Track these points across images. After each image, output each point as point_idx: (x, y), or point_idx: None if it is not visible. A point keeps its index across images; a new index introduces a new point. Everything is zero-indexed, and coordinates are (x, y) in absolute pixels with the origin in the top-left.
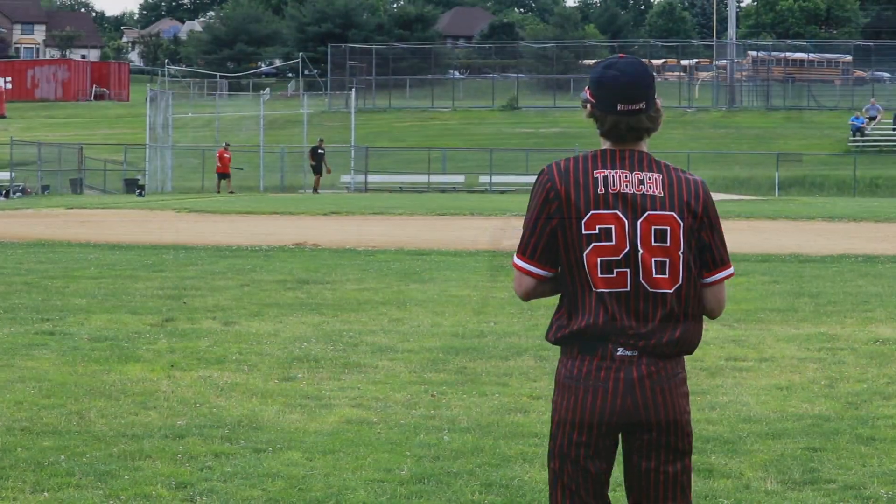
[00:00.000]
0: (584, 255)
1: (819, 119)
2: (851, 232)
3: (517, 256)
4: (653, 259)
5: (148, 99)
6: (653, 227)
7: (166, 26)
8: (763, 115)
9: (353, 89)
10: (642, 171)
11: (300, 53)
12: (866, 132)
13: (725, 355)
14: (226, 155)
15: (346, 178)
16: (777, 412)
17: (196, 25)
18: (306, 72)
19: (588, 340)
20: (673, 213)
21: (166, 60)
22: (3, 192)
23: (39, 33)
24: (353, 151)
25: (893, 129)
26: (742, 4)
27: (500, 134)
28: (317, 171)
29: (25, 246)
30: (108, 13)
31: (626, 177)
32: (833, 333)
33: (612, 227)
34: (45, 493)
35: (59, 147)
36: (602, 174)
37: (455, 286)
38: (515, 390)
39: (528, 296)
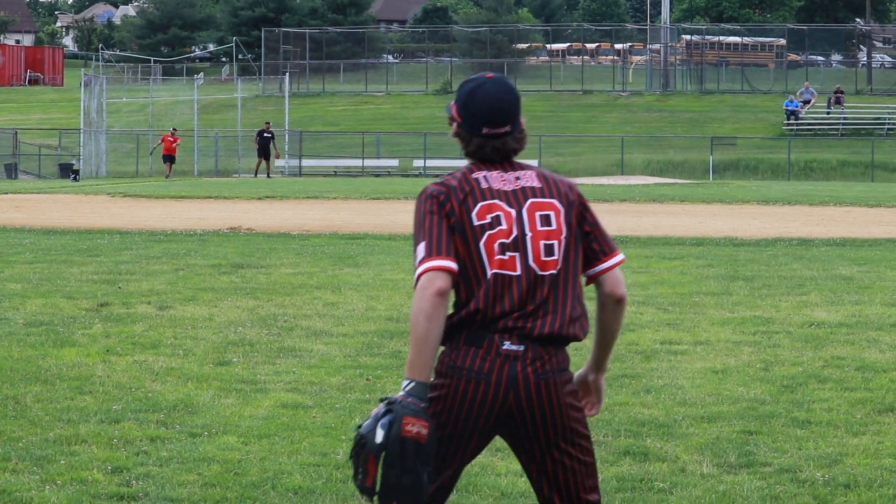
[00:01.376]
0: (480, 244)
1: (753, 103)
2: (786, 215)
3: (428, 260)
4: (541, 242)
5: (82, 84)
6: (537, 213)
7: (100, 11)
8: (697, 98)
9: (287, 73)
10: (515, 171)
11: (234, 38)
12: (800, 116)
13: (660, 339)
14: (169, 139)
15: (280, 162)
16: (712, 395)
17: (130, 10)
18: (240, 56)
19: (475, 330)
20: (553, 200)
21: (100, 45)
22: None
23: None
24: (287, 136)
25: (828, 113)
26: None
27: (434, 118)
28: (263, 154)
29: None
30: None
31: (502, 176)
32: (768, 317)
33: (501, 213)
34: None
35: None
36: (480, 175)
37: (389, 270)
38: None
39: (443, 295)
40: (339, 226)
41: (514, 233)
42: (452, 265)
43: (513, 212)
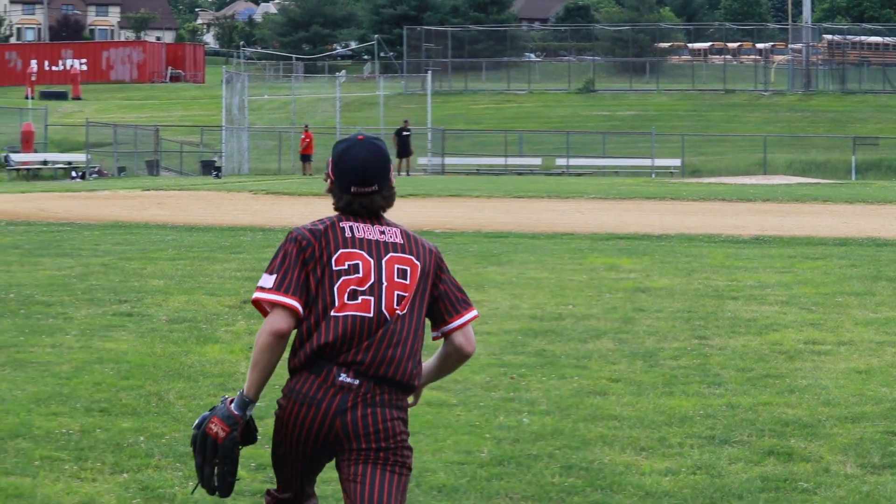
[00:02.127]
0: (335, 287)
1: (895, 103)
2: None
3: (273, 293)
4: (395, 292)
5: (224, 81)
6: (395, 266)
7: (241, 8)
8: (839, 98)
9: (429, 71)
10: (381, 226)
11: (376, 35)
12: None
13: (804, 339)
14: (306, 139)
15: (423, 160)
16: (856, 396)
17: (271, 7)
18: (382, 54)
19: (318, 361)
20: (412, 257)
21: (241, 42)
22: (80, 173)
23: (114, 15)
24: (429, 134)
25: None
26: None
27: (577, 116)
28: (403, 153)
29: (102, 228)
30: None
31: (368, 228)
32: None
33: (360, 262)
34: (125, 475)
35: (135, 129)
36: (347, 224)
37: (533, 268)
38: (594, 373)
39: (282, 336)
40: (482, 224)
41: (371, 280)
42: (297, 305)
43: (372, 261)
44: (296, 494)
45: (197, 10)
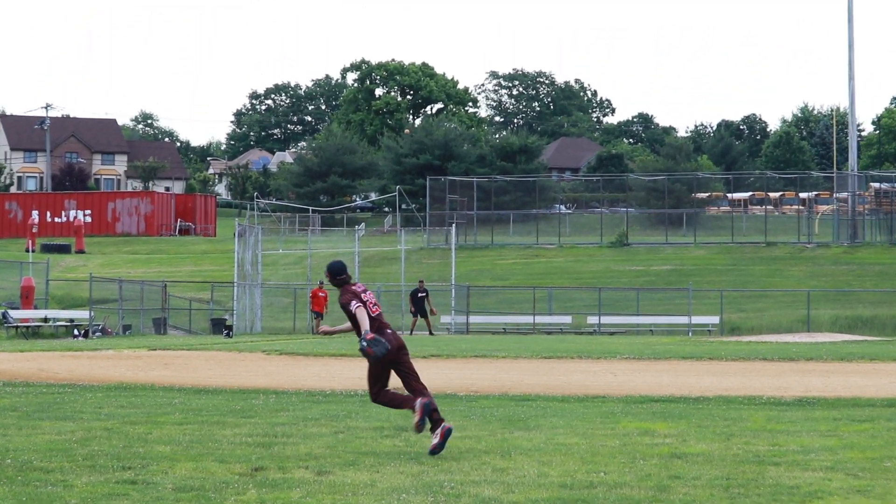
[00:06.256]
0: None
1: None
2: None
3: (360, 309)
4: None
5: (236, 234)
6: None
7: (255, 157)
8: (887, 250)
9: (454, 224)
10: (361, 285)
11: (397, 186)
12: None
13: None
14: (320, 294)
15: (446, 318)
16: None
17: (287, 157)
18: (403, 206)
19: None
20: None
21: (255, 193)
22: (83, 332)
23: (121, 164)
24: (453, 291)
25: None
26: (863, 134)
27: (609, 272)
28: (419, 314)
29: (106, 389)
30: (194, 143)
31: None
32: None
33: (368, 299)
34: None
35: (142, 284)
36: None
37: (563, 434)
38: None
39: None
40: (508, 386)
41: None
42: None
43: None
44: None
45: (209, 158)
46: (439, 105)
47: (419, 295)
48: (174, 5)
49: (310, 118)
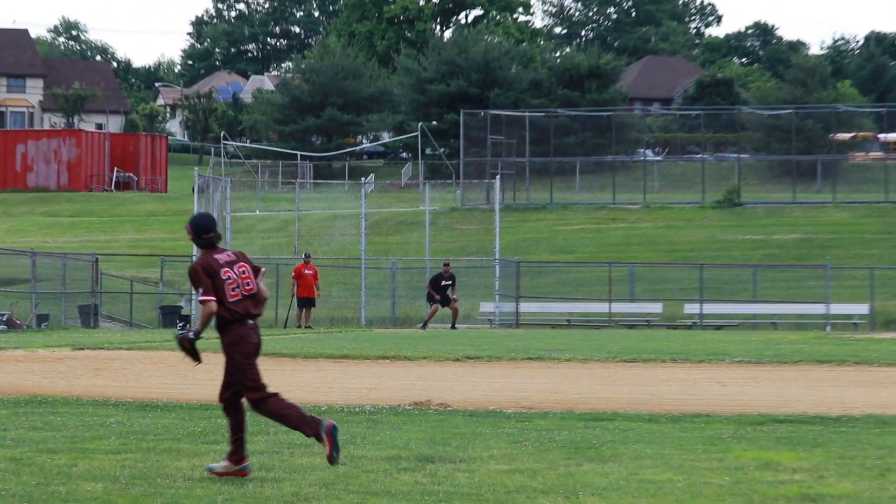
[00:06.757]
0: (225, 287)
1: None
2: None
3: (207, 295)
4: (246, 282)
5: (196, 189)
6: (242, 269)
7: (222, 83)
8: None
9: (498, 177)
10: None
11: (419, 124)
12: None
13: None
14: (306, 271)
15: (487, 307)
16: None
17: (266, 82)
18: (428, 150)
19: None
20: (245, 263)
21: (222, 133)
22: None
23: (34, 91)
24: (497, 268)
25: None
26: None
27: (715, 242)
28: (442, 303)
29: (13, 404)
30: (137, 63)
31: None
32: None
33: (231, 273)
34: None
35: (64, 258)
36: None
37: (650, 467)
38: None
39: (215, 312)
40: (574, 401)
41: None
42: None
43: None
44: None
45: (158, 85)
46: (477, 11)
47: (443, 283)
48: None
49: (298, 29)
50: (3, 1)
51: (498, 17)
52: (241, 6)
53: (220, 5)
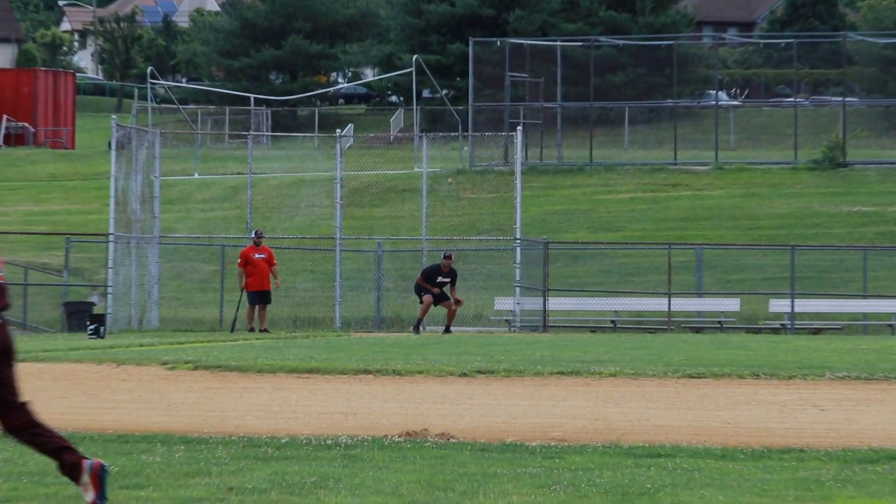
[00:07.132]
0: None
1: None
2: None
3: None
4: None
5: (113, 144)
6: None
7: (149, 2)
8: None
9: (520, 128)
10: None
11: (414, 57)
12: None
13: None
14: (256, 255)
15: (504, 303)
16: None
17: (208, 1)
18: (426, 93)
19: None
20: None
21: (149, 70)
22: None
23: None
24: (518, 251)
25: None
26: None
27: (812, 214)
28: (439, 299)
29: None
30: None
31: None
32: None
33: None
34: None
35: None
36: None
37: None
38: None
39: None
40: (621, 430)
41: None
42: None
43: None
44: None
45: (62, 4)
46: None
47: (439, 280)
48: None
49: None
50: None
51: None
52: None
53: None
